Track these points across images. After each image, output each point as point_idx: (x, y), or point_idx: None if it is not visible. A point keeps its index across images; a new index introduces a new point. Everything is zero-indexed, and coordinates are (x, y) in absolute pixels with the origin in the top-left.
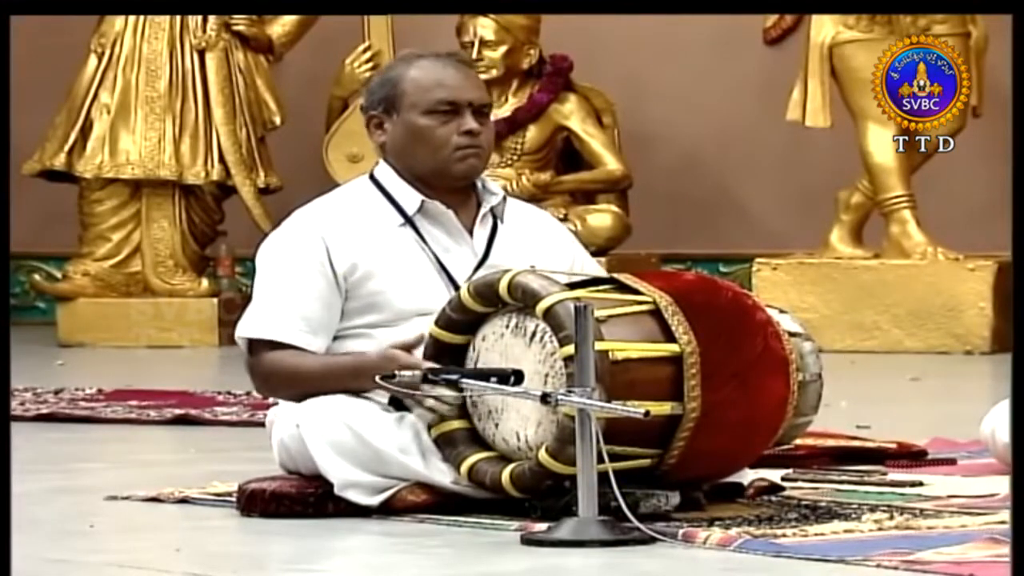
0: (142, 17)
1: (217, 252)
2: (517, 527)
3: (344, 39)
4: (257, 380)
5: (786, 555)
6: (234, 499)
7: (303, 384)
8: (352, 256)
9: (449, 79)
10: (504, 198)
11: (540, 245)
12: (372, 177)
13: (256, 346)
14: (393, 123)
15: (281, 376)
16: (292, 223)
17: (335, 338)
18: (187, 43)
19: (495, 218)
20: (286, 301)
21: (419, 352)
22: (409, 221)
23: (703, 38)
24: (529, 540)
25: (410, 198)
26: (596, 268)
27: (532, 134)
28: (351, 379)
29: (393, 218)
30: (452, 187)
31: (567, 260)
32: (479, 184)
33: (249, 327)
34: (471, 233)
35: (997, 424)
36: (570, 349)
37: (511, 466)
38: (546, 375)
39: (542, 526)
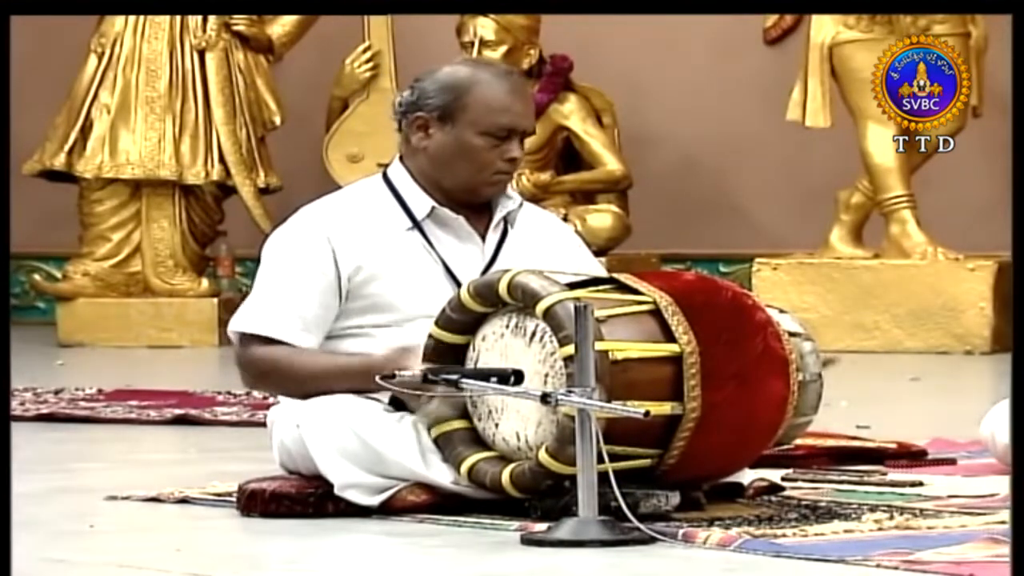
0: (142, 17)
1: (217, 252)
2: (517, 527)
3: (344, 39)
4: (249, 374)
5: (786, 555)
6: (234, 499)
7: (303, 380)
8: (357, 258)
9: (515, 106)
10: (520, 204)
11: (549, 252)
12: (385, 177)
13: (249, 340)
14: (444, 132)
15: (278, 372)
16: (299, 220)
17: (334, 337)
18: (187, 43)
19: (506, 224)
20: (284, 298)
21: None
22: (417, 225)
23: (703, 38)
24: (529, 540)
25: (421, 202)
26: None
27: None
28: (359, 379)
29: (402, 221)
30: (471, 202)
31: (574, 268)
32: None
33: (245, 321)
34: (483, 238)
35: (997, 426)
36: (570, 349)
37: (511, 466)
38: (546, 375)
39: (542, 526)
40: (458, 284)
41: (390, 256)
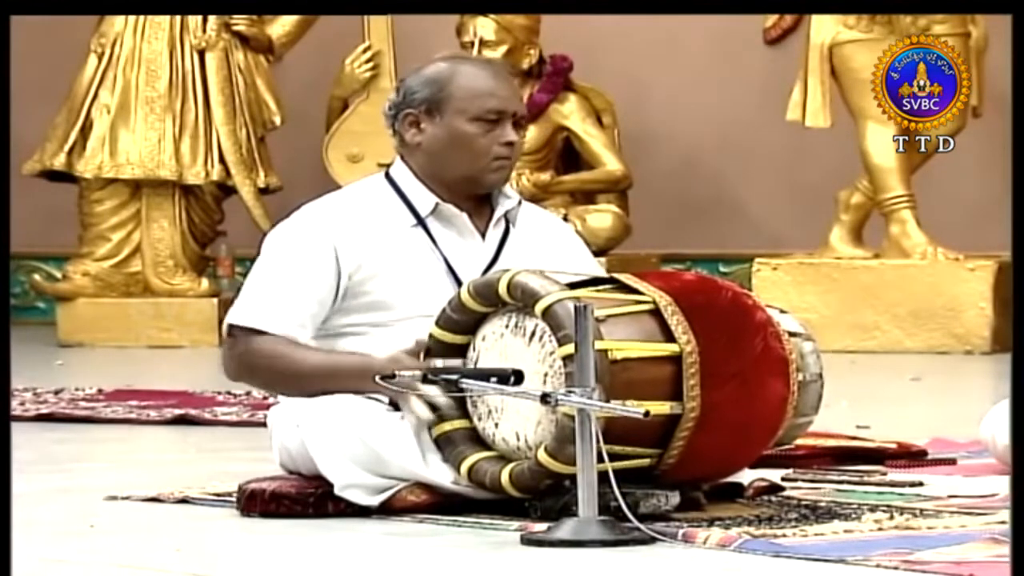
0: (142, 17)
1: (217, 252)
2: (517, 527)
3: (344, 39)
4: (239, 366)
5: (786, 555)
6: (234, 499)
7: (299, 377)
8: (359, 256)
9: (500, 89)
10: (519, 202)
11: (550, 251)
12: (388, 176)
13: (242, 333)
14: (435, 125)
15: (274, 367)
16: (303, 216)
17: (330, 335)
18: (187, 43)
19: (507, 222)
20: (282, 294)
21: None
22: (421, 222)
23: (703, 38)
24: (529, 540)
25: (424, 199)
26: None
27: (532, 134)
28: (355, 379)
29: (405, 218)
30: (475, 193)
31: (575, 267)
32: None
33: (241, 314)
34: (484, 237)
35: (997, 426)
36: (569, 349)
37: (511, 466)
38: (545, 375)
39: (542, 526)
40: (459, 282)
41: (392, 254)
